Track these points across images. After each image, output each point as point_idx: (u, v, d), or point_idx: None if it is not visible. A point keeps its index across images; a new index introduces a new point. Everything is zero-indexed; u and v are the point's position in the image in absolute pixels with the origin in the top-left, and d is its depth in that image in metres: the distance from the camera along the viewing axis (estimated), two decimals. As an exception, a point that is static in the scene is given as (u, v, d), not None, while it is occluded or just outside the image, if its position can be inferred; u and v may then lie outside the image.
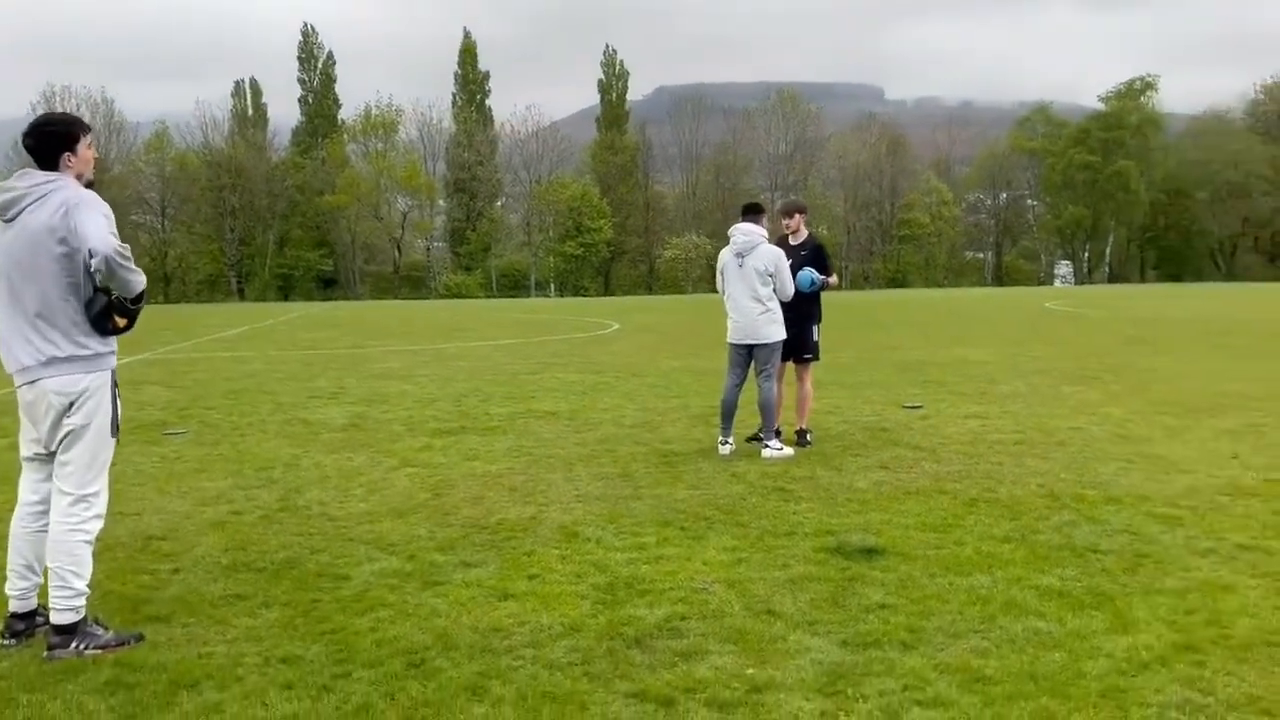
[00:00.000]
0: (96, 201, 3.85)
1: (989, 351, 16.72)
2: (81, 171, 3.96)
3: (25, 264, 3.83)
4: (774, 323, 7.69)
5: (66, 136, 3.93)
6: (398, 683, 3.51)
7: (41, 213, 3.79)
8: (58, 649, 3.81)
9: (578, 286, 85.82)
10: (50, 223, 3.77)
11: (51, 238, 3.78)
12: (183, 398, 11.84)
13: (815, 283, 8.00)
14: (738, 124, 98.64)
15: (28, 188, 3.84)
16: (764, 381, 7.73)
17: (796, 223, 8.31)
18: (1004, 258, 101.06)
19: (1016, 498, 6.10)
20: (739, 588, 4.48)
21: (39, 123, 3.97)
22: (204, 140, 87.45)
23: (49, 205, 3.79)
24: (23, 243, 3.82)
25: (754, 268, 7.62)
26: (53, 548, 3.90)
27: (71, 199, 3.80)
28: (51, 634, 3.86)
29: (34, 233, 3.80)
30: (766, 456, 7.49)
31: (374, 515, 5.95)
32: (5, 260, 3.88)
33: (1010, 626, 3.94)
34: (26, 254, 3.82)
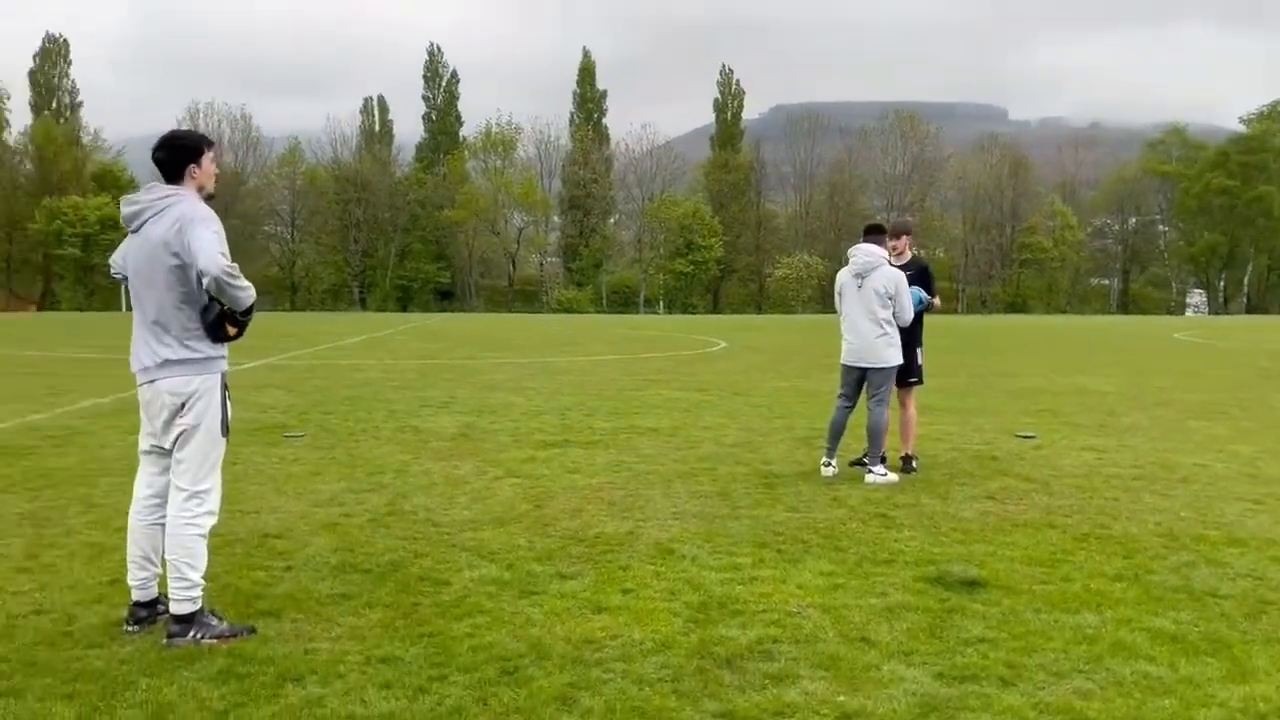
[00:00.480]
0: (209, 218, 4.03)
1: (1110, 381, 16.09)
2: (204, 184, 4.19)
3: (145, 273, 4.09)
4: (891, 346, 7.58)
5: (192, 150, 4.17)
6: (490, 688, 3.58)
7: (160, 226, 4.02)
8: (176, 637, 4.02)
9: (686, 304, 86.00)
10: (166, 236, 4.00)
11: (166, 251, 4.00)
12: (302, 402, 12.32)
13: (922, 301, 7.87)
14: (854, 143, 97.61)
15: (150, 201, 4.09)
16: (875, 405, 7.62)
17: (902, 244, 8.20)
18: (1131, 285, 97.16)
19: (1132, 535, 5.86)
20: (834, 613, 4.42)
21: (167, 138, 4.21)
22: (333, 155, 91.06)
23: (166, 219, 4.02)
24: (144, 253, 4.08)
25: (874, 289, 7.52)
26: (170, 541, 4.12)
27: (186, 214, 4.00)
28: (171, 623, 4.07)
29: (153, 244, 4.04)
30: (870, 482, 7.38)
31: (476, 523, 6.08)
32: (132, 269, 4.16)
33: (1118, 669, 3.79)
34: (146, 264, 4.08)
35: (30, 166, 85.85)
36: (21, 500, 6.59)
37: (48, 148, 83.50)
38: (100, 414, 10.89)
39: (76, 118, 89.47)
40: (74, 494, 6.80)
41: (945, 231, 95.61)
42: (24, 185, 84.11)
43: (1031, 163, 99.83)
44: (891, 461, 7.99)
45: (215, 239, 3.98)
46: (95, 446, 8.74)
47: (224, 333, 4.13)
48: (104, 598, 4.56)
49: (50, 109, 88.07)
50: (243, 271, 4.01)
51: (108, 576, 4.84)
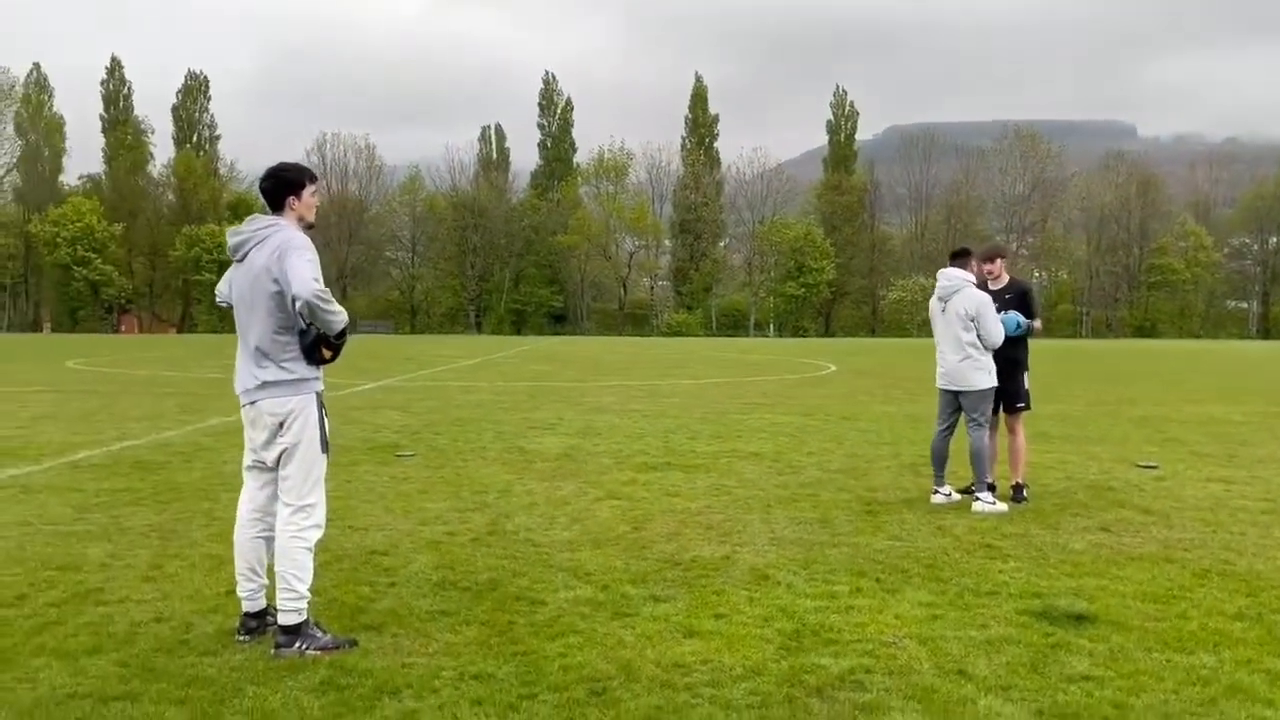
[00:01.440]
0: (305, 246, 4.21)
1: (1243, 410, 15.27)
2: (303, 215, 4.39)
3: (248, 299, 4.29)
4: (979, 369, 7.42)
5: (295, 183, 4.38)
6: (579, 708, 3.62)
7: (261, 254, 4.23)
8: (283, 648, 4.19)
9: (797, 327, 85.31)
10: (267, 264, 4.19)
11: (267, 277, 4.19)
12: (415, 423, 12.68)
13: (1021, 325, 7.65)
14: (971, 164, 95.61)
15: (253, 231, 4.30)
16: (973, 430, 7.44)
17: (998, 268, 8.00)
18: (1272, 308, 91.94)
19: (1257, 572, 5.55)
20: (931, 645, 4.32)
21: (273, 169, 4.41)
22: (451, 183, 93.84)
23: (268, 247, 4.22)
24: (247, 281, 4.29)
25: (956, 312, 7.43)
26: (278, 554, 4.30)
27: (285, 242, 4.18)
28: (278, 633, 4.25)
29: (255, 272, 4.24)
30: (976, 510, 7.18)
31: (574, 544, 6.15)
32: (235, 296, 4.38)
33: (1233, 712, 3.60)
34: (249, 290, 4.28)
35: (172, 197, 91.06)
36: (151, 513, 6.97)
37: (188, 179, 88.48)
38: (226, 431, 11.43)
39: (214, 150, 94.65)
40: (198, 507, 7.16)
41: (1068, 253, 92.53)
42: (166, 215, 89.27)
43: (1161, 181, 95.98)
44: (1002, 490, 7.76)
45: (309, 265, 4.14)
46: (219, 462, 9.18)
47: (320, 356, 4.32)
48: (220, 608, 4.79)
49: (191, 143, 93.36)
50: (362, 294, 4.20)
51: (224, 587, 5.07)
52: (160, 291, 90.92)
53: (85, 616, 4.65)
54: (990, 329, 7.37)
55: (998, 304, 7.72)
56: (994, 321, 7.39)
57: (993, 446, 8.01)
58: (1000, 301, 7.77)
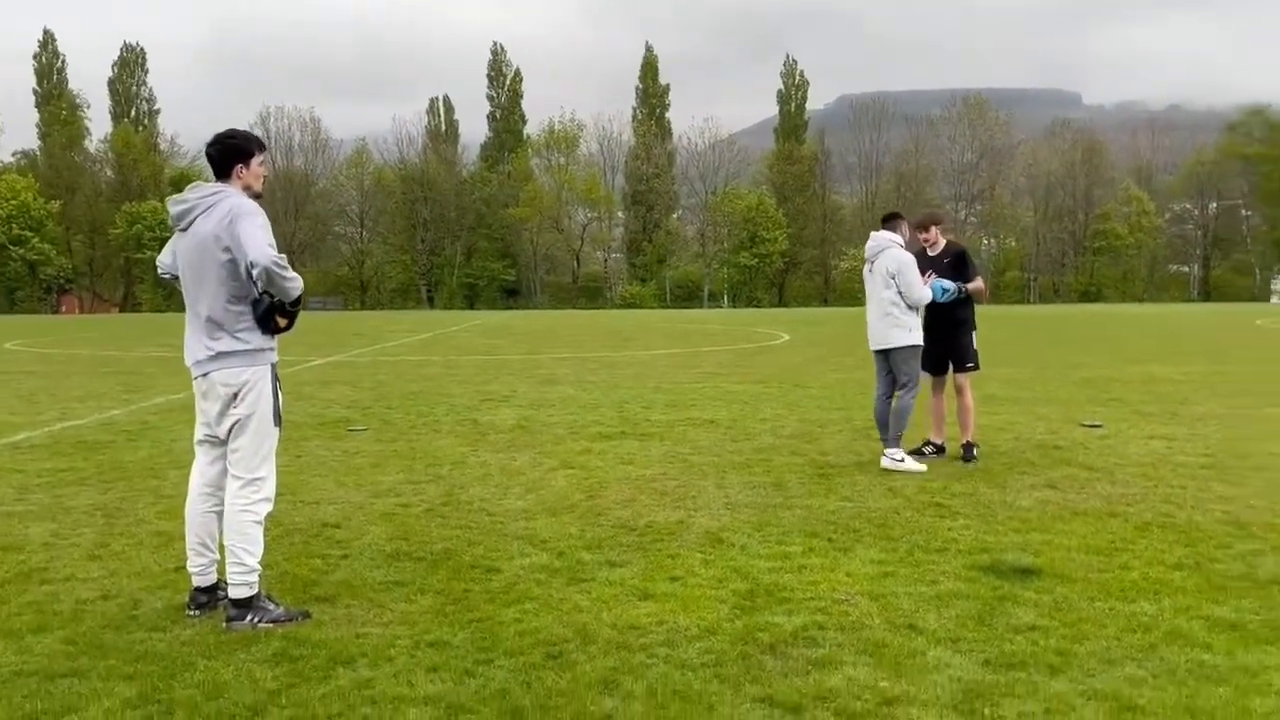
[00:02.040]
0: (256, 211, 4.13)
1: (1185, 370, 15.63)
2: (250, 184, 4.29)
3: (196, 269, 4.20)
4: (898, 327, 7.53)
5: (243, 151, 4.28)
6: (535, 672, 3.63)
7: (209, 222, 4.13)
8: (235, 620, 4.15)
9: (751, 297, 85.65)
10: (216, 231, 4.10)
11: (217, 245, 4.11)
12: (366, 398, 12.56)
13: (948, 291, 7.71)
14: (921, 132, 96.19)
15: (198, 199, 4.20)
16: (901, 391, 7.60)
17: (934, 235, 8.11)
18: (1213, 271, 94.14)
19: (1196, 524, 5.70)
20: (882, 601, 4.39)
21: (222, 135, 4.31)
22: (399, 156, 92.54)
23: (215, 214, 4.12)
24: (194, 250, 4.19)
25: (880, 271, 7.58)
26: (228, 528, 4.25)
27: (234, 209, 4.10)
28: (229, 607, 4.20)
29: (202, 240, 4.15)
30: (884, 466, 7.39)
31: (530, 513, 6.15)
32: (182, 265, 4.29)
33: (1172, 657, 3.70)
34: (197, 260, 4.19)
35: (110, 173, 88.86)
36: (95, 492, 6.84)
37: (127, 154, 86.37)
38: (172, 409, 11.24)
39: (154, 124, 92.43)
40: (145, 485, 7.04)
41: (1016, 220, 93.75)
42: (105, 191, 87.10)
43: (1106, 148, 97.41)
44: (952, 450, 7.90)
45: (262, 231, 4.08)
46: (166, 440, 9.03)
47: (274, 324, 4.24)
48: (169, 584, 4.72)
49: (129, 117, 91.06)
50: (310, 269, 4.12)
51: (173, 564, 5.00)
52: (101, 270, 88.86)
53: (29, 595, 4.56)
54: (912, 285, 7.46)
55: (935, 269, 7.83)
56: (916, 279, 7.48)
57: (941, 407, 8.14)
58: (938, 267, 7.89)
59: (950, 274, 7.85)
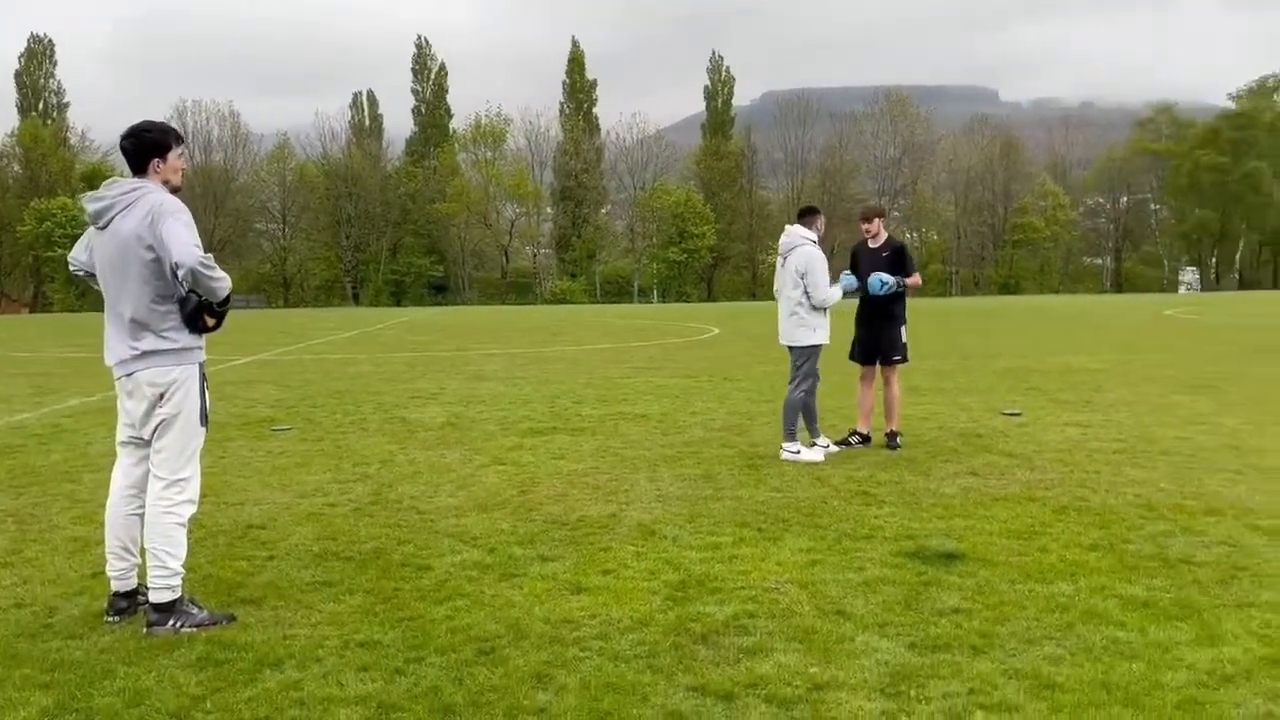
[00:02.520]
0: (179, 209, 3.99)
1: (1098, 359, 16.15)
2: (169, 179, 4.16)
3: (118, 268, 4.06)
4: (802, 326, 7.65)
5: (160, 144, 4.14)
6: (467, 668, 3.61)
7: (130, 220, 4.00)
8: (156, 626, 4.03)
9: (680, 292, 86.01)
10: (138, 230, 3.97)
11: (139, 244, 3.98)
12: (292, 397, 12.33)
13: (886, 284, 7.86)
14: (845, 128, 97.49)
15: (116, 196, 4.06)
16: (790, 386, 7.74)
17: (876, 227, 8.26)
18: (1124, 263, 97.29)
19: (1110, 506, 5.91)
20: (811, 588, 4.46)
21: (137, 128, 4.17)
22: (322, 151, 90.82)
23: (136, 212, 3.99)
24: (115, 248, 4.05)
25: (790, 268, 7.70)
26: (149, 530, 4.13)
27: (156, 206, 3.97)
28: (150, 611, 4.08)
29: (124, 239, 4.01)
30: (783, 458, 7.52)
31: (460, 510, 6.11)
32: (102, 264, 4.14)
33: (1088, 635, 3.83)
34: (118, 259, 4.05)
35: (18, 169, 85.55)
36: (6, 498, 6.60)
37: (35, 149, 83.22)
38: (87, 411, 10.89)
39: (64, 118, 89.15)
40: (59, 490, 6.82)
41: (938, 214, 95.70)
42: (13, 188, 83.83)
43: (1022, 144, 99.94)
44: (877, 440, 8.05)
45: (187, 230, 3.95)
46: (81, 443, 8.75)
47: (202, 324, 4.13)
48: (86, 590, 4.58)
49: (37, 110, 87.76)
50: (232, 267, 4.03)
51: (90, 569, 4.86)
52: (9, 269, 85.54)
53: (-63, 606, 4.39)
54: (818, 286, 7.54)
55: (873, 261, 7.97)
56: (823, 280, 7.56)
57: (869, 398, 8.29)
58: (876, 259, 8.05)
59: (887, 267, 7.99)
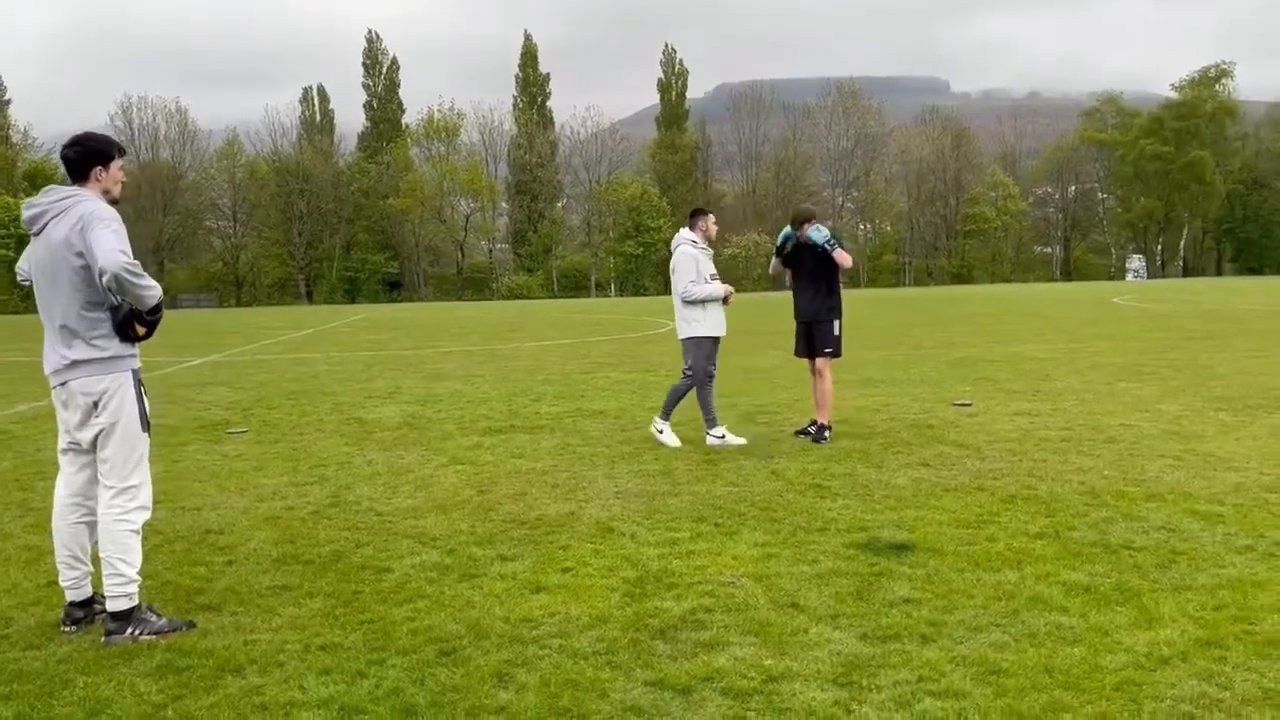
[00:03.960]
0: (110, 217, 3.99)
1: (1047, 348, 16.48)
2: (109, 189, 4.17)
3: (49, 275, 4.06)
4: (682, 320, 8.26)
5: (103, 154, 4.16)
6: (429, 669, 3.66)
7: (61, 227, 4.00)
8: (114, 634, 4.03)
9: (638, 286, 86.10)
10: (68, 236, 3.98)
11: (69, 251, 3.98)
12: (246, 398, 12.23)
13: (823, 234, 8.17)
14: (798, 120, 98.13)
15: (50, 203, 4.07)
16: (685, 375, 8.30)
17: (804, 233, 8.38)
18: (1073, 252, 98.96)
19: (1056, 495, 6.08)
20: (766, 582, 4.55)
21: (80, 137, 4.18)
22: (273, 147, 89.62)
23: (68, 220, 3.99)
24: (47, 255, 4.06)
25: (671, 267, 8.35)
26: (103, 538, 4.11)
27: (87, 214, 3.96)
28: (108, 620, 4.08)
29: (55, 246, 4.01)
30: (708, 444, 8.04)
31: (419, 511, 6.13)
32: (35, 271, 4.14)
33: (1032, 621, 3.97)
34: (49, 266, 4.05)
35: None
36: (-44, 507, 6.51)
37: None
38: (36, 417, 10.72)
39: (4, 115, 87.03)
40: (10, 499, 6.73)
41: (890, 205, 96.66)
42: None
43: (973, 134, 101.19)
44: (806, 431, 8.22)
45: (115, 237, 3.93)
46: (31, 450, 8.63)
47: (133, 332, 4.10)
48: (42, 600, 4.56)
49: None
50: (182, 266, 4.05)
51: (45, 579, 4.82)
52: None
53: (-112, 620, 4.34)
54: (678, 281, 8.17)
55: (810, 259, 8.29)
56: (684, 277, 8.14)
57: (821, 391, 8.41)
58: (813, 256, 8.33)
59: (822, 262, 8.28)
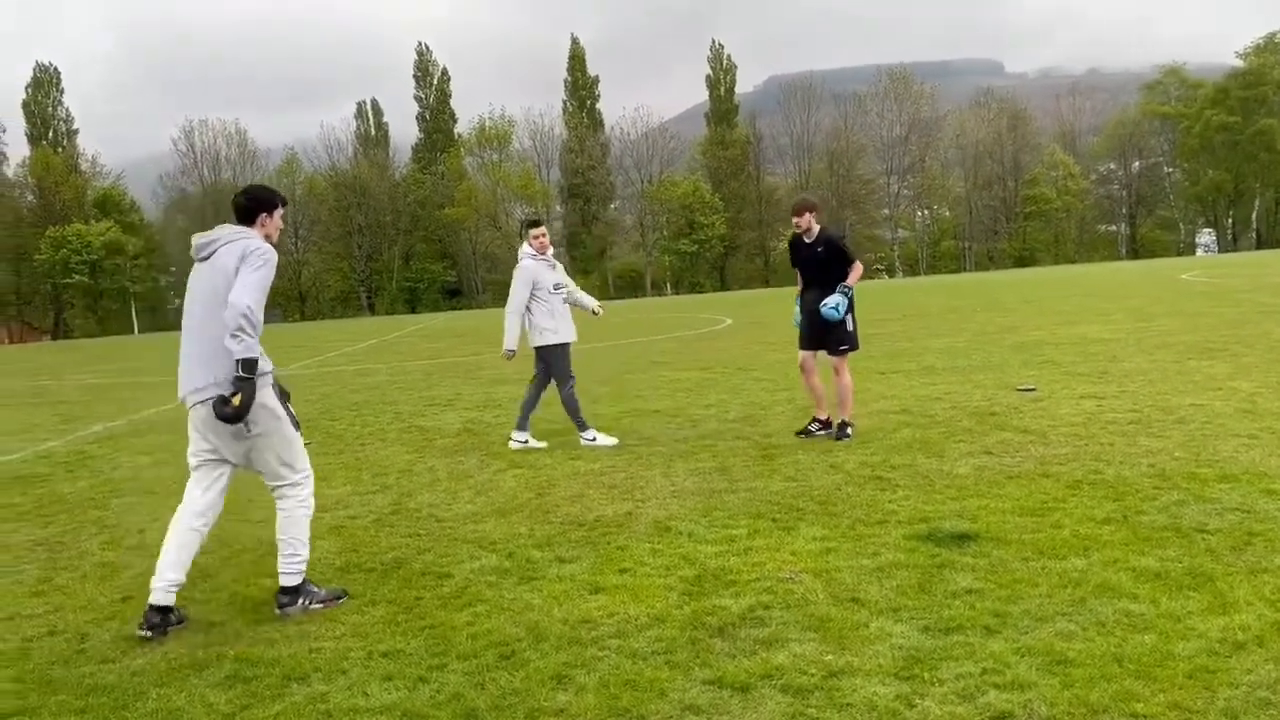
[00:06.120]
0: (270, 261, 4.39)
1: (1113, 329, 16.07)
2: (270, 234, 4.64)
3: (209, 297, 4.42)
4: (536, 330, 8.57)
5: (270, 203, 4.67)
6: (489, 673, 3.69)
7: (229, 255, 4.42)
8: (288, 606, 4.50)
9: (693, 283, 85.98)
10: (233, 265, 4.37)
11: (231, 276, 4.35)
12: (310, 411, 12.45)
13: (839, 307, 7.68)
14: (849, 109, 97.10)
15: (223, 235, 4.53)
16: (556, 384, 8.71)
17: (807, 221, 7.94)
18: (1139, 229, 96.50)
19: (1124, 478, 5.92)
20: (825, 576, 4.51)
21: (251, 188, 4.74)
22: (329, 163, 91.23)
23: (236, 249, 4.41)
24: (212, 279, 4.44)
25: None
26: (284, 524, 4.59)
27: (251, 248, 4.39)
28: (280, 595, 4.55)
29: (220, 270, 4.41)
30: (582, 445, 8.34)
31: (479, 516, 6.19)
32: (196, 294, 4.52)
33: (1100, 609, 3.86)
34: (212, 289, 4.42)
35: (31, 198, 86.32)
36: (35, 527, 6.73)
37: (47, 178, 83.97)
38: (111, 437, 11.05)
39: (73, 146, 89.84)
40: (86, 517, 6.94)
41: (948, 191, 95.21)
42: (28, 217, 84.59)
43: (1030, 114, 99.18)
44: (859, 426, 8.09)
45: (258, 284, 4.30)
46: (107, 470, 8.89)
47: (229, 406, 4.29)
48: (116, 614, 4.69)
49: (46, 139, 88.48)
50: None
51: (120, 594, 4.97)
52: (29, 298, 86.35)
53: (-27, 638, 4.50)
54: (512, 297, 8.58)
55: (810, 259, 7.95)
56: (515, 293, 8.54)
57: (817, 386, 8.17)
58: (812, 256, 7.95)
59: (824, 265, 7.86)
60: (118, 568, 5.49)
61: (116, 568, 5.48)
